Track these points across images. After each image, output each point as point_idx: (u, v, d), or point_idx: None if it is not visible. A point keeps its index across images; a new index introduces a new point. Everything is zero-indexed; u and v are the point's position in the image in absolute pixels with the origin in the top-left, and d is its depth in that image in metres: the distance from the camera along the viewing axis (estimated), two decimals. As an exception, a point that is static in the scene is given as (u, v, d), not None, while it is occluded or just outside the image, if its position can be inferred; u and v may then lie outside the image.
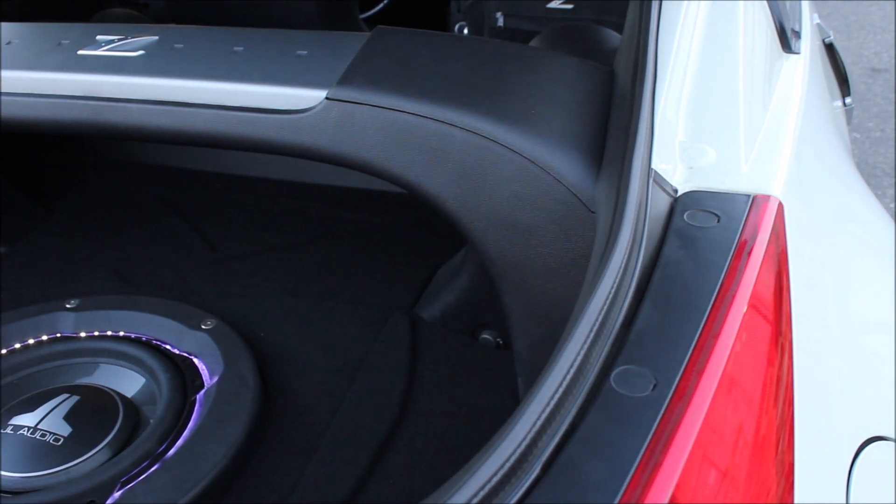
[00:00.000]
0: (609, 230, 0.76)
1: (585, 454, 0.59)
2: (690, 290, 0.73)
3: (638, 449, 0.59)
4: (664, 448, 0.60)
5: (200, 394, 1.10)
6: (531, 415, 0.59)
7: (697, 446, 0.62)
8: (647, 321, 0.70)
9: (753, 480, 0.68)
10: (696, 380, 0.66)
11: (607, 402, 0.63)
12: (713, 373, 0.68)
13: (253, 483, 0.99)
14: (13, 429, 1.06)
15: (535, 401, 0.60)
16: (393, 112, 0.98)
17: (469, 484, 0.56)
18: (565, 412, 0.61)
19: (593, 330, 0.65)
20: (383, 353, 1.17)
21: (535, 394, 0.61)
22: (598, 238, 0.83)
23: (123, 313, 1.24)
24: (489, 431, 1.06)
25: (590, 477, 0.58)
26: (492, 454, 0.58)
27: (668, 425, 0.62)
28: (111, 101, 1.10)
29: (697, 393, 0.66)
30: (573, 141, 0.95)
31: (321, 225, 1.50)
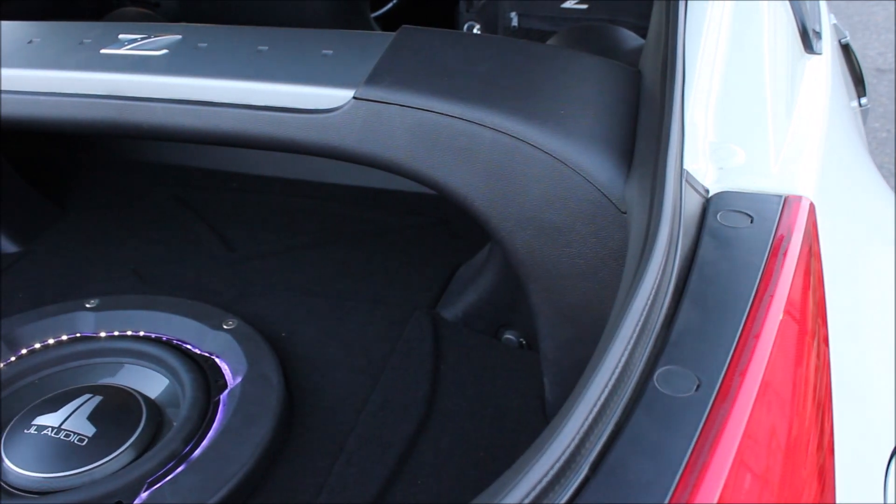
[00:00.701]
0: (646, 231, 0.76)
1: (632, 455, 0.59)
2: (728, 291, 0.73)
3: (685, 449, 0.59)
4: (711, 448, 0.61)
5: (224, 394, 1.09)
6: (579, 415, 0.59)
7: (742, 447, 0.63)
8: (687, 321, 0.70)
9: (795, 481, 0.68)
10: (739, 381, 0.67)
11: (651, 402, 0.63)
12: (755, 374, 0.68)
13: (280, 483, 0.99)
14: (37, 429, 1.06)
15: (582, 401, 0.60)
16: (422, 112, 0.98)
17: (521, 484, 0.56)
18: (611, 412, 0.61)
19: (636, 330, 0.65)
20: (406, 353, 1.16)
21: (583, 394, 0.61)
22: (633, 238, 0.83)
23: (144, 313, 1.23)
24: (515, 432, 1.07)
25: (638, 477, 0.58)
26: (542, 454, 0.58)
27: (714, 426, 0.62)
28: (135, 101, 1.09)
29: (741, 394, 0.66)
30: (603, 141, 0.94)
31: (339, 224, 1.49)
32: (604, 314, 0.98)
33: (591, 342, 1.00)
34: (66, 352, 1.19)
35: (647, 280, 0.69)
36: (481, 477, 0.99)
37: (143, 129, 1.10)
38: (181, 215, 1.55)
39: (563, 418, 0.60)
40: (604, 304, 0.97)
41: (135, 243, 1.47)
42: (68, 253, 1.45)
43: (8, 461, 1.02)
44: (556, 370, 1.03)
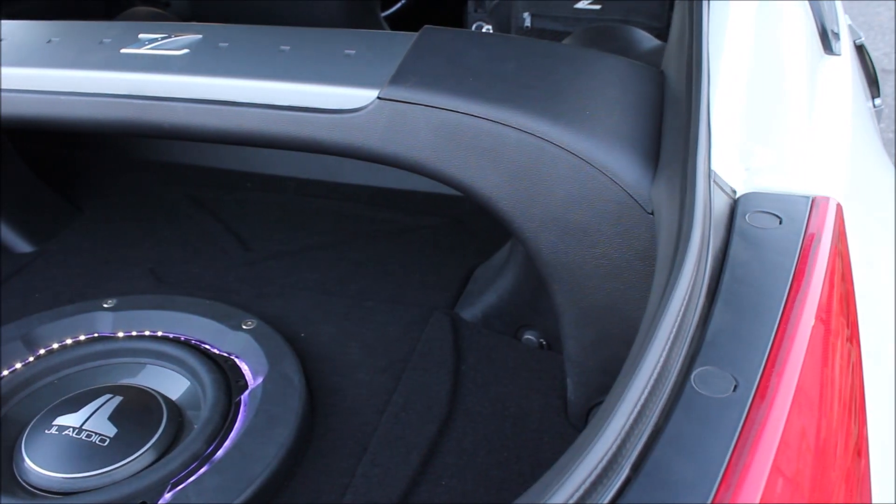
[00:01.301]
0: (677, 232, 0.76)
1: (673, 455, 0.59)
2: (760, 292, 0.73)
3: (725, 450, 0.59)
4: (751, 449, 0.61)
5: (245, 394, 1.09)
6: (621, 416, 0.59)
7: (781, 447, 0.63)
8: (722, 322, 0.70)
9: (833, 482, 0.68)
10: (776, 382, 0.67)
11: (689, 402, 0.63)
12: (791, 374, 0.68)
13: (304, 484, 0.99)
14: (58, 429, 1.05)
15: (623, 402, 0.60)
16: (446, 112, 0.98)
17: (566, 485, 0.56)
18: (650, 413, 0.61)
19: (673, 330, 0.65)
20: (427, 353, 1.16)
21: (624, 394, 0.61)
22: (663, 239, 0.83)
23: (162, 313, 1.23)
24: (538, 433, 1.07)
25: (680, 478, 0.58)
26: (586, 455, 0.58)
27: (753, 426, 0.62)
28: (156, 101, 1.09)
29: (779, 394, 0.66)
30: (628, 141, 0.94)
31: (354, 224, 1.49)
32: (629, 315, 0.99)
33: (616, 343, 1.01)
34: (85, 352, 1.19)
35: (683, 281, 0.69)
36: (505, 478, 0.98)
37: (164, 128, 1.09)
38: (196, 215, 1.54)
39: (605, 419, 0.60)
40: (629, 305, 0.97)
41: (150, 243, 1.47)
42: (84, 253, 1.44)
43: (29, 461, 1.02)
44: (579, 371, 1.03)
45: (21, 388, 1.14)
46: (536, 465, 1.00)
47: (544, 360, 1.16)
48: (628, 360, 0.71)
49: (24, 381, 1.14)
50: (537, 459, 1.01)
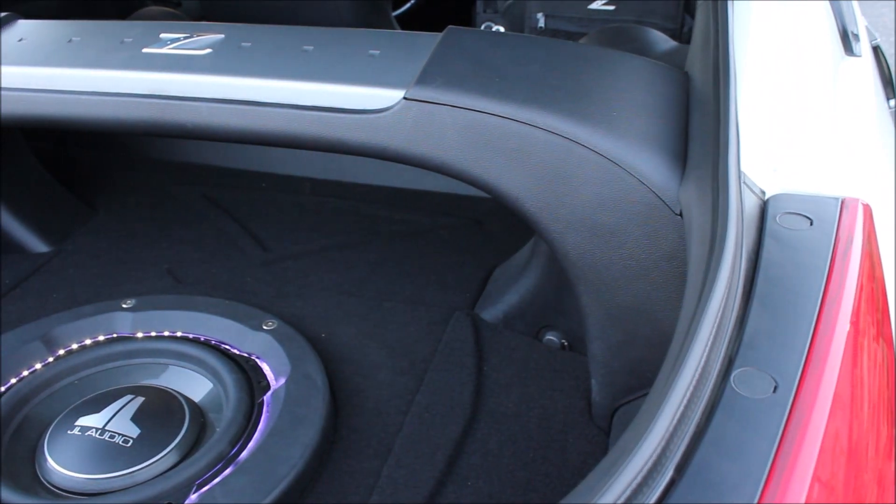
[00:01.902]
0: (711, 233, 0.76)
1: (716, 456, 0.59)
2: (795, 294, 0.73)
3: (768, 451, 0.59)
4: (794, 450, 0.61)
5: (268, 395, 1.09)
6: (666, 416, 0.60)
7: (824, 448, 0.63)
8: (758, 323, 0.70)
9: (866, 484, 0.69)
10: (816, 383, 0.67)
11: (730, 403, 0.63)
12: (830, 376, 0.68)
13: (330, 485, 0.99)
14: (81, 430, 1.05)
15: (667, 402, 0.60)
16: (473, 113, 0.97)
17: (615, 485, 0.56)
18: (692, 414, 0.61)
19: (713, 331, 0.65)
20: (448, 354, 1.16)
21: (667, 395, 0.61)
22: (694, 240, 0.83)
23: (182, 313, 1.23)
24: (563, 433, 1.07)
25: (724, 479, 0.58)
26: (633, 455, 0.58)
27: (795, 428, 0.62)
28: (179, 100, 1.09)
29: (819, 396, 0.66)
30: (656, 142, 0.94)
31: (371, 225, 1.49)
32: (655, 316, 0.99)
33: (642, 344, 1.01)
34: (106, 352, 1.18)
35: (721, 282, 0.69)
36: (532, 478, 0.98)
37: (188, 128, 1.09)
38: (212, 215, 1.54)
39: (649, 419, 0.60)
40: (655, 306, 0.97)
41: (167, 243, 1.46)
42: (100, 253, 1.44)
43: (52, 461, 1.02)
44: (604, 372, 1.03)
45: (42, 389, 1.14)
46: (562, 466, 1.00)
47: (566, 360, 1.16)
48: (667, 360, 0.71)
49: (44, 382, 1.14)
50: (563, 460, 1.01)
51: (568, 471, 1.00)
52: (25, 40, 1.22)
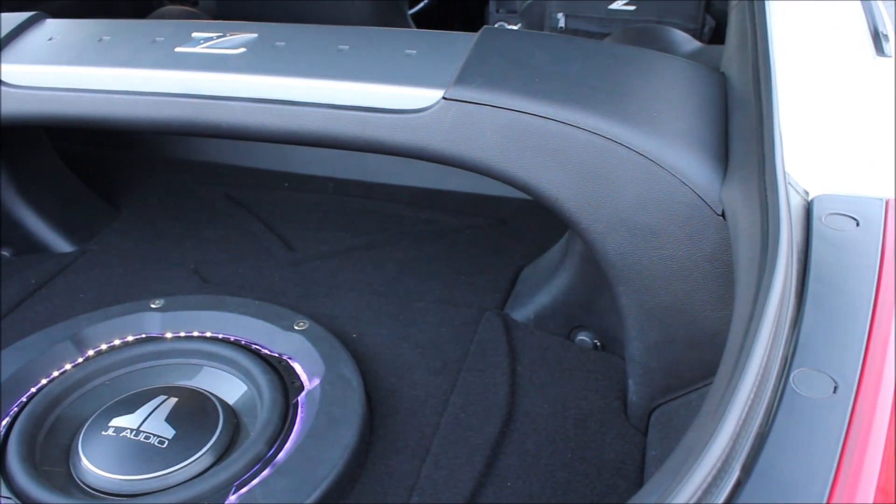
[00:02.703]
0: (760, 234, 0.76)
1: (781, 456, 0.59)
2: (847, 294, 0.74)
3: (833, 451, 0.59)
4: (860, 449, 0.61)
5: (302, 396, 1.09)
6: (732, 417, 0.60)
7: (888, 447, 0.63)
8: (812, 324, 0.70)
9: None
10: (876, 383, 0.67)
11: (791, 404, 0.63)
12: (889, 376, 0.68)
13: (369, 486, 0.98)
14: (115, 430, 1.05)
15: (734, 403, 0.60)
16: (513, 113, 0.97)
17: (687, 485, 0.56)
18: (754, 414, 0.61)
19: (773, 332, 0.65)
20: (481, 354, 1.16)
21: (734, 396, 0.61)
22: (742, 241, 0.83)
23: (211, 314, 1.22)
24: (600, 434, 1.07)
25: (791, 479, 0.58)
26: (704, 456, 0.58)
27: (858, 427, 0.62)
28: (214, 99, 1.08)
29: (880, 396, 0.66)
30: (697, 143, 0.94)
31: (397, 225, 1.49)
32: (695, 316, 0.99)
33: (681, 344, 1.01)
34: (136, 353, 1.18)
35: (777, 283, 0.69)
36: (571, 479, 0.98)
37: (222, 128, 1.09)
38: (236, 214, 1.54)
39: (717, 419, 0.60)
40: (695, 307, 0.97)
41: (191, 242, 1.46)
42: (126, 252, 1.43)
43: (88, 463, 1.01)
44: (642, 372, 1.03)
45: (74, 389, 1.13)
46: (601, 467, 1.00)
47: (599, 360, 1.16)
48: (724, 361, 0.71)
49: (76, 382, 1.14)
50: (601, 460, 1.01)
51: (607, 471, 0.99)
52: (55, 39, 1.22)
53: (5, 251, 1.45)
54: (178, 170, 1.70)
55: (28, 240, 1.43)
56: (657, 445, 0.99)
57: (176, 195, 1.61)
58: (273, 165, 1.67)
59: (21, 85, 1.17)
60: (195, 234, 1.48)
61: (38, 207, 1.43)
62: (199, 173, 1.68)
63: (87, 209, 1.52)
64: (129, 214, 1.55)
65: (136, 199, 1.61)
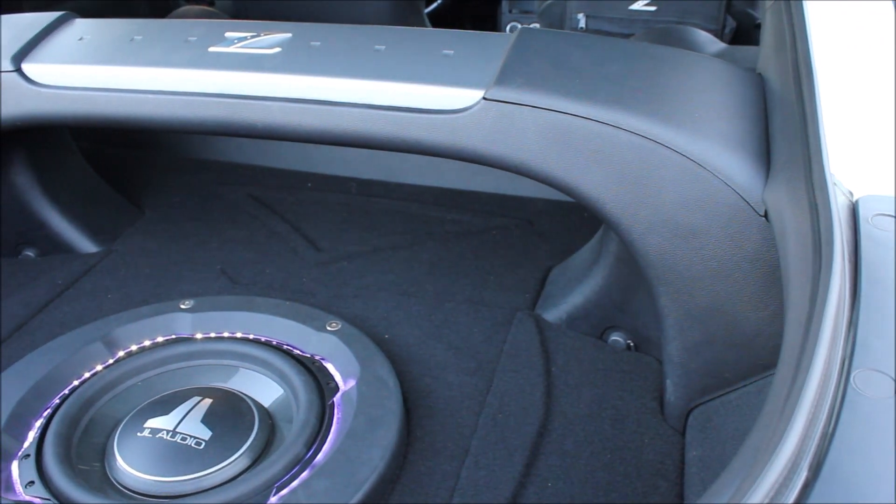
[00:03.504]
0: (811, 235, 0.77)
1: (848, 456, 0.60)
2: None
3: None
4: (926, 450, 0.61)
5: (338, 397, 1.08)
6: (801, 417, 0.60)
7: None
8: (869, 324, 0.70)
9: None
10: (936, 383, 0.67)
11: (854, 404, 0.63)
12: (949, 377, 0.68)
13: (409, 487, 0.98)
14: (151, 431, 1.04)
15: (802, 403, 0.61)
16: (554, 113, 0.97)
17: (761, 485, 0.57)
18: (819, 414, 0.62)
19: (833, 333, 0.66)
20: (514, 354, 1.16)
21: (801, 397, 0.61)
22: (789, 241, 0.83)
23: (243, 314, 1.22)
24: (638, 434, 1.07)
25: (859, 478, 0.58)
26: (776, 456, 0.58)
27: (923, 427, 0.63)
28: (249, 99, 1.08)
29: (942, 396, 0.66)
30: (739, 144, 0.94)
31: (423, 225, 1.48)
32: (736, 317, 0.99)
33: (721, 345, 1.01)
34: (168, 354, 1.17)
35: (834, 284, 0.69)
36: (612, 480, 0.98)
37: (258, 128, 1.08)
38: (260, 215, 1.53)
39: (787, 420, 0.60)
40: (736, 307, 0.97)
41: (217, 243, 1.45)
42: (151, 253, 1.43)
43: (126, 464, 1.01)
44: (680, 372, 1.03)
45: (106, 391, 1.13)
46: (641, 467, 1.00)
47: (633, 361, 1.16)
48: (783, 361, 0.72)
49: (108, 383, 1.13)
50: (641, 461, 1.01)
51: (647, 471, 0.99)
52: (85, 39, 1.21)
53: (30, 252, 1.44)
54: (199, 170, 1.69)
55: (53, 240, 1.43)
56: (697, 446, 0.99)
57: (198, 195, 1.60)
58: (295, 166, 1.66)
59: (52, 84, 1.17)
60: (220, 235, 1.47)
61: (62, 208, 1.42)
62: (220, 173, 1.67)
63: (111, 210, 1.51)
64: (152, 215, 1.54)
65: (159, 199, 1.60)
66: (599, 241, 1.21)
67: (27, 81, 1.17)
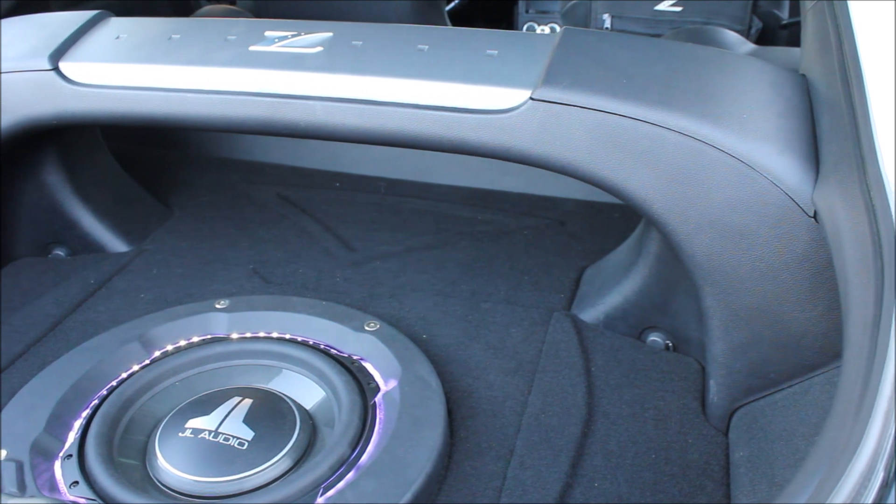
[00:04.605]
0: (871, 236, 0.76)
1: None
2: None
3: None
4: None
5: (379, 397, 1.08)
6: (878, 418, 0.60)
7: None
8: None
9: None
10: None
11: None
12: None
13: (456, 488, 0.98)
14: (193, 431, 1.04)
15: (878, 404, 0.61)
16: (602, 114, 0.97)
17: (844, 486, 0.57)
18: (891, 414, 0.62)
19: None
20: (554, 354, 1.16)
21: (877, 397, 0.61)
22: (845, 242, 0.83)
23: (279, 314, 1.22)
24: (681, 434, 1.07)
25: None
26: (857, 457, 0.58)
27: None
28: (292, 98, 1.08)
29: None
30: (788, 145, 0.95)
31: (455, 225, 1.48)
32: (783, 317, 0.99)
33: (766, 345, 1.01)
34: (206, 354, 1.17)
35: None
36: (657, 480, 0.98)
37: (300, 127, 1.08)
38: (289, 214, 1.53)
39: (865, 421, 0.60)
40: (783, 307, 0.97)
41: (248, 242, 1.45)
42: (183, 252, 1.42)
43: (169, 465, 1.00)
44: (725, 373, 1.03)
45: (145, 391, 1.12)
46: (687, 467, 1.00)
47: (673, 361, 1.16)
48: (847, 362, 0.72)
49: (147, 383, 1.13)
50: (686, 461, 1.01)
51: (693, 472, 0.99)
52: (123, 38, 1.21)
53: (60, 251, 1.44)
54: (226, 169, 1.69)
55: (83, 240, 1.42)
56: (744, 446, 0.99)
57: (227, 195, 1.60)
58: (323, 165, 1.66)
59: (90, 83, 1.16)
60: (250, 234, 1.47)
61: (94, 207, 1.42)
62: (247, 173, 1.67)
63: (141, 209, 1.51)
64: (181, 214, 1.54)
65: (187, 198, 1.60)
66: (638, 241, 1.21)
67: (65, 80, 1.17)
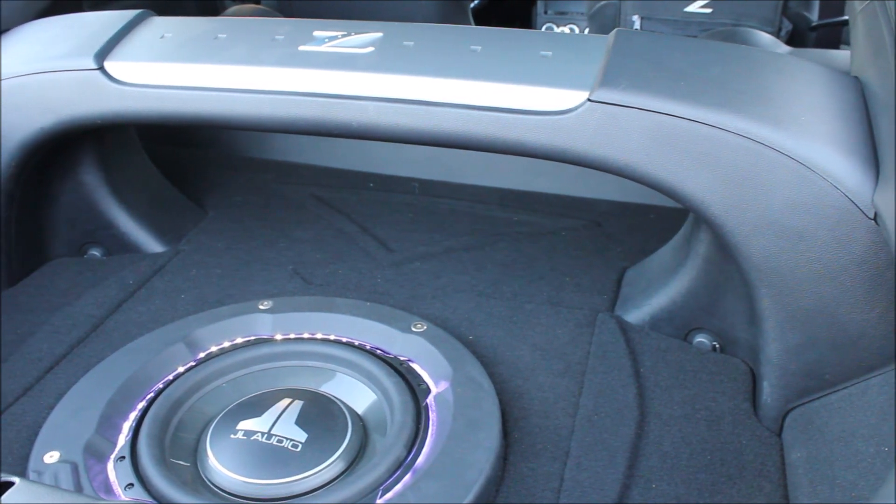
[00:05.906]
0: None
1: None
2: None
3: None
4: None
5: (431, 398, 1.08)
6: None
7: None
8: None
9: None
10: None
11: None
12: None
13: (515, 488, 0.98)
14: (245, 433, 1.03)
15: None
16: (660, 115, 0.97)
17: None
18: None
19: None
20: (602, 356, 1.16)
21: None
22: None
23: (324, 315, 1.21)
24: (735, 435, 1.07)
25: None
26: None
27: None
28: (344, 98, 1.07)
29: None
30: (846, 147, 0.95)
31: (492, 226, 1.48)
32: (840, 319, 0.99)
33: (823, 346, 1.01)
34: (252, 355, 1.16)
35: None
36: (714, 481, 0.98)
37: (352, 128, 1.08)
38: (326, 215, 1.52)
39: None
40: (841, 309, 0.97)
41: (285, 243, 1.44)
42: (220, 253, 1.42)
43: (222, 467, 1.00)
44: (780, 374, 1.03)
45: (193, 392, 1.12)
46: (743, 469, 1.00)
47: (721, 362, 1.16)
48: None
49: (195, 384, 1.12)
50: (741, 462, 1.01)
51: (749, 473, 1.00)
52: (167, 37, 1.20)
53: (95, 251, 1.43)
54: (258, 169, 1.68)
55: (119, 240, 1.42)
56: (800, 447, 0.99)
57: (261, 195, 1.59)
58: (356, 166, 1.66)
59: (137, 83, 1.16)
60: (287, 235, 1.47)
61: (130, 207, 1.41)
62: (280, 173, 1.66)
63: (176, 209, 1.50)
64: (216, 215, 1.53)
65: (221, 199, 1.59)
66: (684, 242, 1.21)
67: (110, 80, 1.16)
